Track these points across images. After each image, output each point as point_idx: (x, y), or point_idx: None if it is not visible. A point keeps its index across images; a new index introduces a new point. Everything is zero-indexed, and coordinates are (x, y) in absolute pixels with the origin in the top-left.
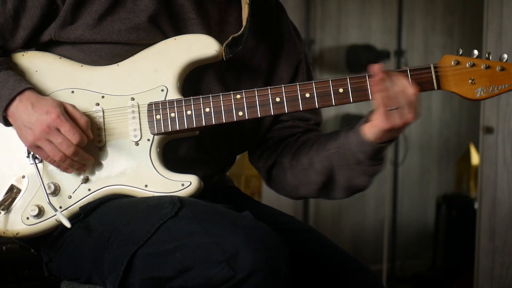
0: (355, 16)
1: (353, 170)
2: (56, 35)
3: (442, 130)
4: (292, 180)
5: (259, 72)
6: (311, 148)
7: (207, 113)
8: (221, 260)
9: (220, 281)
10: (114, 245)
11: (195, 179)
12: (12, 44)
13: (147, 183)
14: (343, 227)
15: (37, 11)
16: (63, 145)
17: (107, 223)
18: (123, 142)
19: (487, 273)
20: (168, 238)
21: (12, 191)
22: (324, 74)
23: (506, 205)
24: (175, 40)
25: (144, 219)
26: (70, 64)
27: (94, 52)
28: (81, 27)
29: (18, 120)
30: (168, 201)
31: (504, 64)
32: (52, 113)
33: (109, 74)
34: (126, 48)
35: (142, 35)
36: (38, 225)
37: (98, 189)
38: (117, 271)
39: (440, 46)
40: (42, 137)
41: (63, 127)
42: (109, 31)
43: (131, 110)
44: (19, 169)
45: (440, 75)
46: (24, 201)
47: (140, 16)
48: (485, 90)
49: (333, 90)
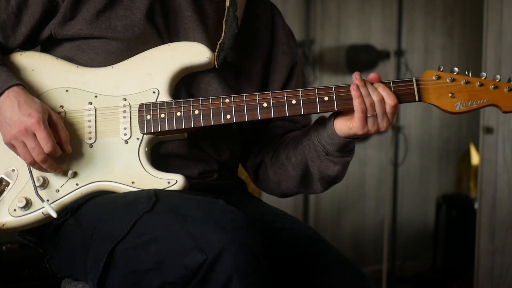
0: (355, 16)
1: (323, 161)
2: (56, 32)
3: (442, 130)
4: (274, 177)
5: (255, 73)
6: (288, 144)
7: (196, 115)
8: (192, 246)
9: (195, 266)
10: (95, 242)
11: (180, 177)
12: (13, 41)
13: (134, 180)
14: (343, 227)
15: (38, 7)
16: (35, 151)
17: (91, 220)
18: (113, 140)
19: (487, 273)
20: (144, 232)
21: (1, 183)
22: (324, 74)
23: (506, 205)
24: (169, 47)
25: (122, 215)
26: (66, 65)
27: (92, 50)
28: (79, 22)
29: (1, 115)
30: (144, 195)
31: (483, 80)
32: (33, 117)
33: (104, 75)
34: (122, 47)
35: (137, 32)
36: (24, 217)
37: (86, 184)
38: (97, 267)
39: (440, 46)
40: (18, 137)
41: (39, 134)
42: (106, 26)
43: (122, 110)
44: (9, 162)
45: (422, 88)
46: (13, 193)
47: (136, 13)
48: (464, 104)
49: (318, 98)
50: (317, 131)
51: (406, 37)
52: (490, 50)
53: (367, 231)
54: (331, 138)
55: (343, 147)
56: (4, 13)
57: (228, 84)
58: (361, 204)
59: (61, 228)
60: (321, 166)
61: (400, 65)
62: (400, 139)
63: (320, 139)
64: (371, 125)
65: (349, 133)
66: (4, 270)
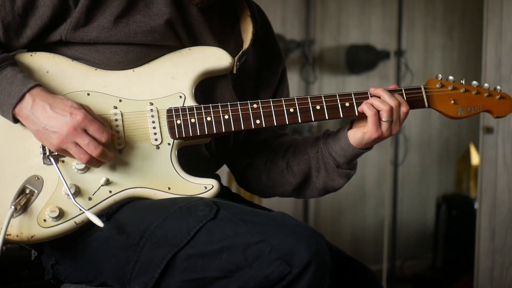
0: (355, 16)
1: (331, 173)
2: (68, 36)
3: (442, 130)
4: (267, 181)
5: (250, 77)
6: (287, 151)
7: (226, 120)
8: (275, 257)
9: (278, 278)
10: (146, 248)
11: (215, 182)
12: (15, 43)
13: (170, 185)
14: (343, 227)
15: (48, 10)
16: (90, 146)
17: (136, 225)
18: (143, 146)
19: (487, 273)
20: (211, 239)
21: (24, 192)
22: (324, 74)
23: (506, 205)
24: (190, 51)
25: (179, 221)
26: (83, 67)
27: (109, 50)
28: (96, 29)
29: (36, 123)
30: (202, 203)
31: (479, 89)
32: (77, 115)
33: (125, 79)
34: (141, 49)
35: (157, 37)
36: (55, 227)
37: (120, 191)
38: (152, 273)
39: (440, 46)
40: (69, 139)
41: (92, 127)
42: (125, 33)
43: (150, 115)
44: (31, 169)
45: (429, 95)
46: (40, 202)
47: (156, 19)
48: (464, 110)
49: (340, 104)
50: (327, 144)
51: (406, 37)
52: (490, 50)
53: (367, 231)
54: (344, 150)
55: (353, 158)
56: (9, 14)
57: (229, 88)
58: (361, 204)
59: (82, 234)
60: (327, 178)
61: (400, 65)
62: (400, 139)
63: (330, 151)
64: (385, 128)
65: (363, 138)
66: (4, 270)
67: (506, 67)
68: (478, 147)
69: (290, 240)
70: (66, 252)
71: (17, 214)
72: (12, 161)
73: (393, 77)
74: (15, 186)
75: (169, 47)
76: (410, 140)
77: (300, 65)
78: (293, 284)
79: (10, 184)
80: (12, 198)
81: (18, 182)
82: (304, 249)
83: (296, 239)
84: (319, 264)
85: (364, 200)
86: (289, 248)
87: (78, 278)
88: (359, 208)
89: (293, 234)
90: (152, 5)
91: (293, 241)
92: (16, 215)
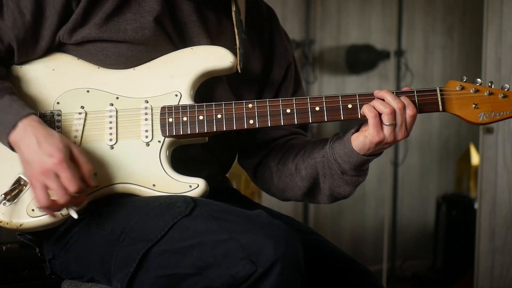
0: (355, 16)
1: (336, 179)
2: (65, 37)
3: (442, 130)
4: (278, 184)
5: (256, 75)
6: (297, 154)
7: (218, 119)
8: (243, 256)
9: (244, 277)
10: (125, 242)
11: (202, 182)
12: (31, 57)
13: (155, 183)
14: (343, 227)
15: (54, 19)
16: (58, 193)
17: (118, 221)
18: (134, 142)
19: (487, 273)
20: (184, 236)
21: (19, 183)
22: (324, 74)
23: (506, 205)
24: (191, 50)
25: (157, 217)
26: (87, 66)
27: (101, 52)
28: (89, 27)
29: (22, 153)
30: (180, 200)
31: (506, 92)
32: (54, 157)
33: (125, 77)
34: (132, 48)
35: (147, 34)
36: (43, 217)
37: (106, 186)
38: (128, 268)
39: (440, 46)
40: (39, 178)
41: (63, 174)
42: (116, 30)
43: (144, 112)
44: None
45: (445, 98)
46: (31, 193)
47: (146, 16)
48: (487, 115)
49: (342, 105)
50: (333, 149)
51: (406, 37)
52: (490, 50)
53: (367, 231)
54: (348, 156)
55: (360, 165)
56: (22, 29)
57: (230, 86)
58: (361, 204)
59: (73, 228)
60: (333, 184)
61: (400, 65)
62: None
63: (336, 156)
64: (387, 132)
65: (365, 142)
66: (4, 270)
67: (506, 67)
68: (478, 147)
69: (258, 239)
70: (60, 247)
71: (9, 203)
72: (11, 153)
73: (393, 77)
74: (11, 176)
75: (160, 46)
76: (410, 140)
77: (300, 65)
78: (258, 283)
79: (7, 174)
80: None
81: (14, 173)
82: (270, 248)
83: (264, 237)
84: (286, 264)
85: (364, 200)
86: (256, 247)
87: (71, 273)
88: (359, 208)
89: (261, 233)
90: (144, 3)
91: (261, 239)
92: (8, 204)
